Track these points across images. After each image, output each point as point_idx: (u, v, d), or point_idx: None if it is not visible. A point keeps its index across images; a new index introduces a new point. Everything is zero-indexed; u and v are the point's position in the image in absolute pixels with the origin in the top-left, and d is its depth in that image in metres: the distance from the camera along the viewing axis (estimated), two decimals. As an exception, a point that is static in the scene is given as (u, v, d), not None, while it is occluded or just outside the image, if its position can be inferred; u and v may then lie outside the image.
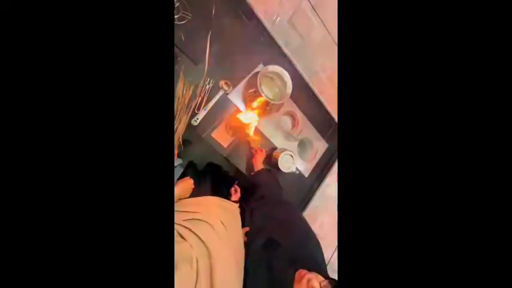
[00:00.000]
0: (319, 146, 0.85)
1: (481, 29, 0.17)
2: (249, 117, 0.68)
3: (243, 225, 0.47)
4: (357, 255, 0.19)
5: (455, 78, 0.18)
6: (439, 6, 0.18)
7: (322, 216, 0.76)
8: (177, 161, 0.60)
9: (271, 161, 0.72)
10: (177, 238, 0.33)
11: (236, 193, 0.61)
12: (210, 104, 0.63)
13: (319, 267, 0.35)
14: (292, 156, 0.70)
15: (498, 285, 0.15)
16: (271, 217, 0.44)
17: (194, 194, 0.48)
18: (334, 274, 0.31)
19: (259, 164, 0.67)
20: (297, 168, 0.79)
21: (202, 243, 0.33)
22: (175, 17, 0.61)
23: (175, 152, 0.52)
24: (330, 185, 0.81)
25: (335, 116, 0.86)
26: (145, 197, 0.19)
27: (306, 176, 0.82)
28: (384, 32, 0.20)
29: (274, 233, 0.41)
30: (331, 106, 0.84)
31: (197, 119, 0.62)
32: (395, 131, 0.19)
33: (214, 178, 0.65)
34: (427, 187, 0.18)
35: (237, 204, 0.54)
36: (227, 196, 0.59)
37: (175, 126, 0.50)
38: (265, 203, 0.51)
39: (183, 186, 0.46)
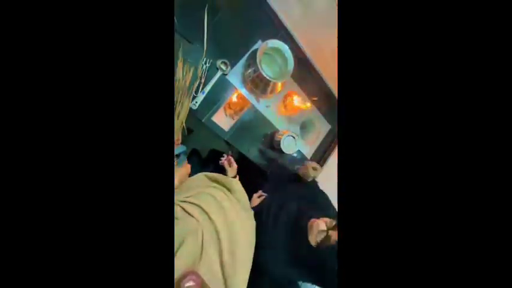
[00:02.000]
0: (322, 128, 0.84)
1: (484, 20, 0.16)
2: (249, 98, 0.66)
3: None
4: (357, 253, 0.19)
5: (459, 55, 0.17)
6: None
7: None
8: (181, 148, 0.60)
9: (273, 143, 0.72)
10: (181, 214, 0.34)
11: (231, 166, 0.58)
12: (208, 87, 0.61)
13: (328, 214, 0.42)
14: (294, 138, 0.69)
15: (498, 286, 0.15)
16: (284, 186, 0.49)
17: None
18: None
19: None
20: (299, 150, 0.79)
21: (206, 214, 0.34)
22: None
23: (179, 138, 0.50)
24: (332, 166, 0.82)
25: (335, 93, 0.83)
26: (145, 183, 0.19)
27: (309, 158, 0.82)
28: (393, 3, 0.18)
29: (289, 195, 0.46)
30: (335, 85, 0.80)
31: (196, 102, 0.60)
32: (398, 115, 0.18)
33: (218, 166, 0.65)
34: (427, 175, 0.17)
35: (236, 179, 0.54)
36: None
37: (177, 111, 0.48)
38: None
39: (181, 172, 0.45)
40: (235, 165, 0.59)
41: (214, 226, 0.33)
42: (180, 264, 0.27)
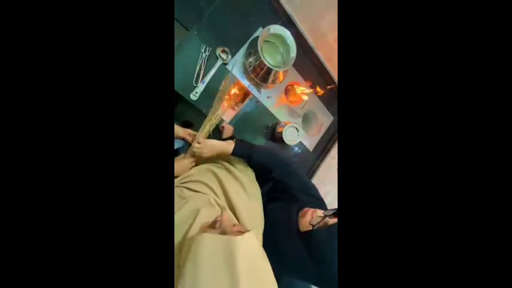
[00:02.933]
0: (324, 119, 0.82)
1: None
2: (250, 89, 0.64)
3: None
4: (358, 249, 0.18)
5: (460, 47, 0.16)
6: None
7: (327, 186, 0.78)
8: (178, 143, 0.59)
9: (275, 135, 0.71)
10: (187, 193, 0.34)
11: (227, 130, 0.58)
12: (208, 77, 0.59)
13: (321, 206, 0.39)
14: (297, 129, 0.68)
15: (498, 286, 0.15)
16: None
17: None
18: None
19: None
20: (301, 142, 0.77)
21: (212, 186, 0.35)
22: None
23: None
24: (335, 157, 0.81)
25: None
26: (146, 172, 0.18)
27: (311, 150, 0.81)
28: None
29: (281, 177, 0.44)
30: (335, 71, 0.78)
31: (196, 93, 0.59)
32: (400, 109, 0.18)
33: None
34: (428, 170, 0.17)
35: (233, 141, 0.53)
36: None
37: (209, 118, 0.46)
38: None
39: (180, 165, 0.44)
40: (230, 128, 0.59)
41: (223, 197, 0.34)
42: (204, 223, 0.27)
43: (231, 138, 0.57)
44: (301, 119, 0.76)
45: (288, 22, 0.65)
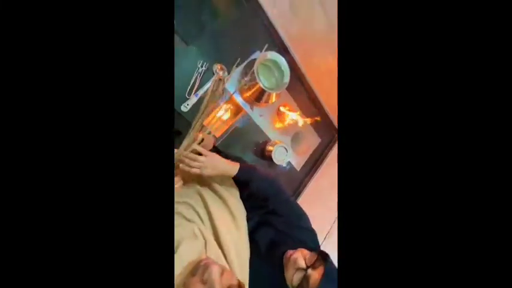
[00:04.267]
0: (312, 140, 0.86)
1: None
2: (243, 106, 0.65)
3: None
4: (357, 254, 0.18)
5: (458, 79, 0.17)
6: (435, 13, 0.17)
7: (314, 207, 0.78)
8: None
9: (264, 154, 0.71)
10: (177, 221, 0.32)
11: (208, 141, 0.52)
12: (202, 90, 0.59)
13: (309, 244, 0.36)
14: (286, 149, 0.69)
15: (498, 285, 0.15)
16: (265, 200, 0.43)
17: None
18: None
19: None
20: (289, 161, 0.79)
21: (198, 211, 0.33)
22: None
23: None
24: (322, 178, 0.83)
25: (329, 110, 0.86)
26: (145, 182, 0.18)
27: (298, 169, 0.83)
28: (388, 26, 0.19)
29: (267, 213, 0.41)
30: (327, 100, 0.84)
31: (187, 104, 0.58)
32: (396, 131, 0.19)
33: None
34: (427, 189, 0.18)
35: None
36: None
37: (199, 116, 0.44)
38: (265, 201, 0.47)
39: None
40: (212, 141, 0.55)
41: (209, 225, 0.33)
42: (184, 260, 0.26)
43: (213, 150, 0.55)
44: (290, 138, 0.78)
45: (283, 49, 0.71)
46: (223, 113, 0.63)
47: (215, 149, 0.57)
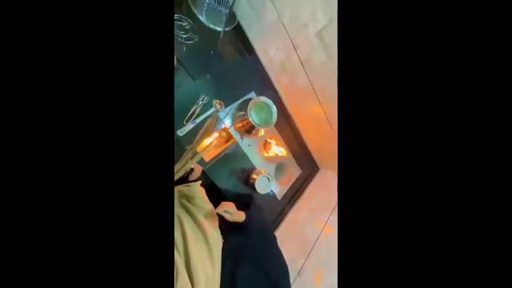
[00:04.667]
0: (294, 172, 0.94)
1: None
2: (234, 135, 0.73)
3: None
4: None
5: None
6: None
7: (289, 241, 0.79)
8: None
9: (248, 181, 0.76)
10: None
11: (197, 170, 0.57)
12: (199, 119, 0.66)
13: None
14: (269, 179, 0.75)
15: (497, 285, 0.15)
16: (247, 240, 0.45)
17: None
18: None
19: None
20: (271, 189, 0.84)
21: (176, 238, 0.33)
22: (184, 36, 0.67)
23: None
24: (300, 211, 0.87)
25: (309, 146, 0.98)
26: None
27: (279, 198, 0.87)
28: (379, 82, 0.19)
29: (246, 256, 0.42)
30: (309, 138, 0.96)
31: (183, 130, 0.64)
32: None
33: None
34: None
35: (199, 182, 0.52)
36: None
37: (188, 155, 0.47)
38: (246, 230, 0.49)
39: None
40: (199, 169, 0.59)
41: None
42: None
43: (199, 179, 0.59)
44: (274, 167, 0.85)
45: (275, 92, 0.85)
46: (215, 140, 0.70)
47: (203, 174, 0.61)
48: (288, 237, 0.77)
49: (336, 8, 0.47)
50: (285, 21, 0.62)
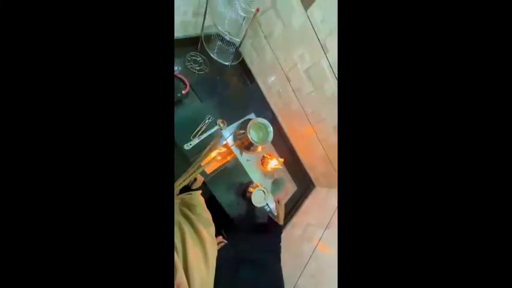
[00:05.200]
0: (290, 187, 0.98)
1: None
2: (234, 151, 0.80)
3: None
4: None
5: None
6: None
7: (284, 256, 0.79)
8: None
9: (245, 194, 0.80)
10: None
11: (199, 181, 0.62)
12: (204, 135, 0.75)
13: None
14: (264, 193, 0.80)
15: (498, 285, 0.15)
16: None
17: None
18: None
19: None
20: (267, 204, 0.87)
21: (175, 241, 0.37)
22: (197, 68, 0.81)
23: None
24: (295, 227, 0.88)
25: (304, 163, 1.04)
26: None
27: (275, 214, 0.89)
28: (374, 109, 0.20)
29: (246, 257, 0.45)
30: (304, 156, 1.03)
31: (190, 144, 0.72)
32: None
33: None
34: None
35: (200, 192, 0.56)
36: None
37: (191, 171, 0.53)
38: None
39: None
40: (202, 179, 0.63)
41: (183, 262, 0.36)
42: None
43: (200, 188, 0.65)
44: (271, 181, 0.90)
45: (272, 114, 0.96)
46: (217, 154, 0.77)
47: (204, 185, 0.67)
48: (283, 252, 0.76)
49: (321, 53, 0.62)
50: (280, 61, 0.78)
